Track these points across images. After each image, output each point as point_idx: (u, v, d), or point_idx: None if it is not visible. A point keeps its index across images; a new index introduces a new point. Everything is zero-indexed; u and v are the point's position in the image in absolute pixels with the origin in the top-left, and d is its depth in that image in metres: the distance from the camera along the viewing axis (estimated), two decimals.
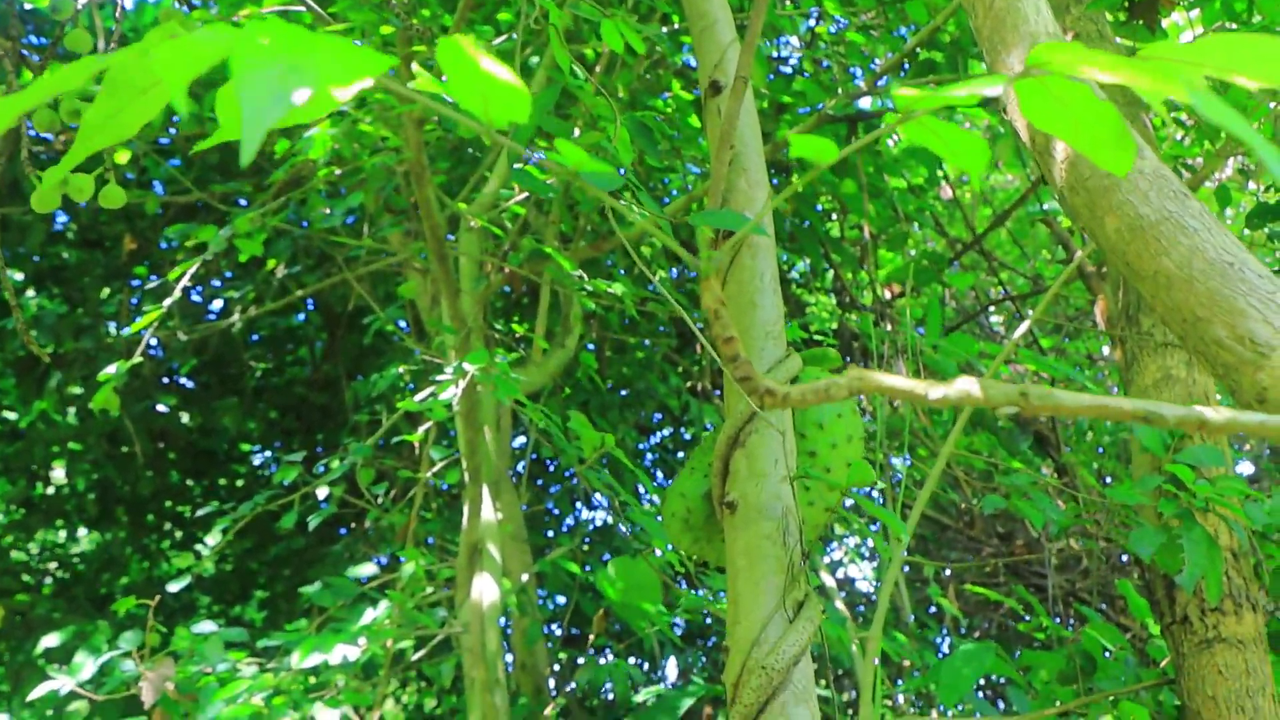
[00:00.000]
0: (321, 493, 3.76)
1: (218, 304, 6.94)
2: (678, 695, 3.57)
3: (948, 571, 6.28)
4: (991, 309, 7.01)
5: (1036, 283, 6.61)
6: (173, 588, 4.08)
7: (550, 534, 5.73)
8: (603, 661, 4.22)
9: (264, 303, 5.71)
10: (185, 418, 7.68)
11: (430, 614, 3.88)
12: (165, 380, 7.50)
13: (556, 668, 6.24)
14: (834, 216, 5.99)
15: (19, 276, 6.67)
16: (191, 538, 8.40)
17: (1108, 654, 3.56)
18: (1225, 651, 3.11)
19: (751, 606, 1.69)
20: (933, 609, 6.25)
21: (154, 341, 7.00)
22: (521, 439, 5.67)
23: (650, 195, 1.91)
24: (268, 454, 8.21)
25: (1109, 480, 6.44)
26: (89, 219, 6.86)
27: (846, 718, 3.60)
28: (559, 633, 5.69)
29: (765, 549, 1.72)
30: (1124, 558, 6.01)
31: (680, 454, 6.42)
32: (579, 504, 6.23)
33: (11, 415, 7.64)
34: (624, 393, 5.55)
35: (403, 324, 5.98)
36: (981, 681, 5.74)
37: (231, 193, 5.37)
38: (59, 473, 8.00)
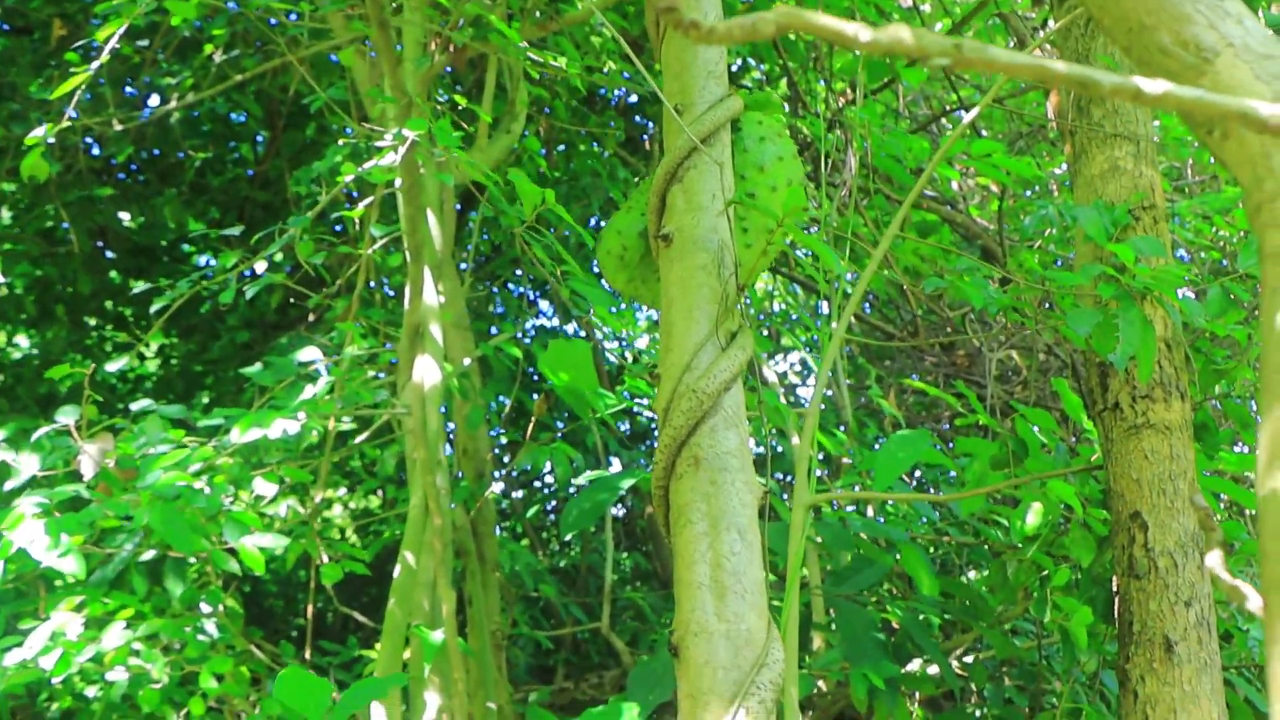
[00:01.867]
0: (260, 267, 3.69)
1: (155, 101, 6.74)
2: (618, 476, 3.61)
3: (888, 374, 6.37)
4: (944, 119, 6.94)
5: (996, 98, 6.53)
6: (111, 366, 4.04)
7: (495, 330, 5.71)
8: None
9: (201, 89, 5.53)
10: (125, 218, 7.52)
11: (371, 392, 3.87)
12: (103, 177, 7.31)
13: (500, 459, 6.33)
14: None
15: None
16: (134, 339, 8.32)
17: (1044, 448, 3.64)
18: (1152, 437, 3.17)
19: (684, 334, 1.68)
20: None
21: (89, 141, 6.82)
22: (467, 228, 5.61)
23: None
24: (210, 259, 8.09)
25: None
26: (16, 2, 6.58)
27: (784, 503, 3.66)
28: (501, 432, 5.74)
29: (700, 279, 1.70)
30: (1061, 370, 6.11)
31: None
32: (521, 290, 6.22)
33: None
34: (571, 187, 5.48)
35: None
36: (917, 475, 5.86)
37: None
38: None
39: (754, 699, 1.41)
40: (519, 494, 6.74)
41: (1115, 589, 3.20)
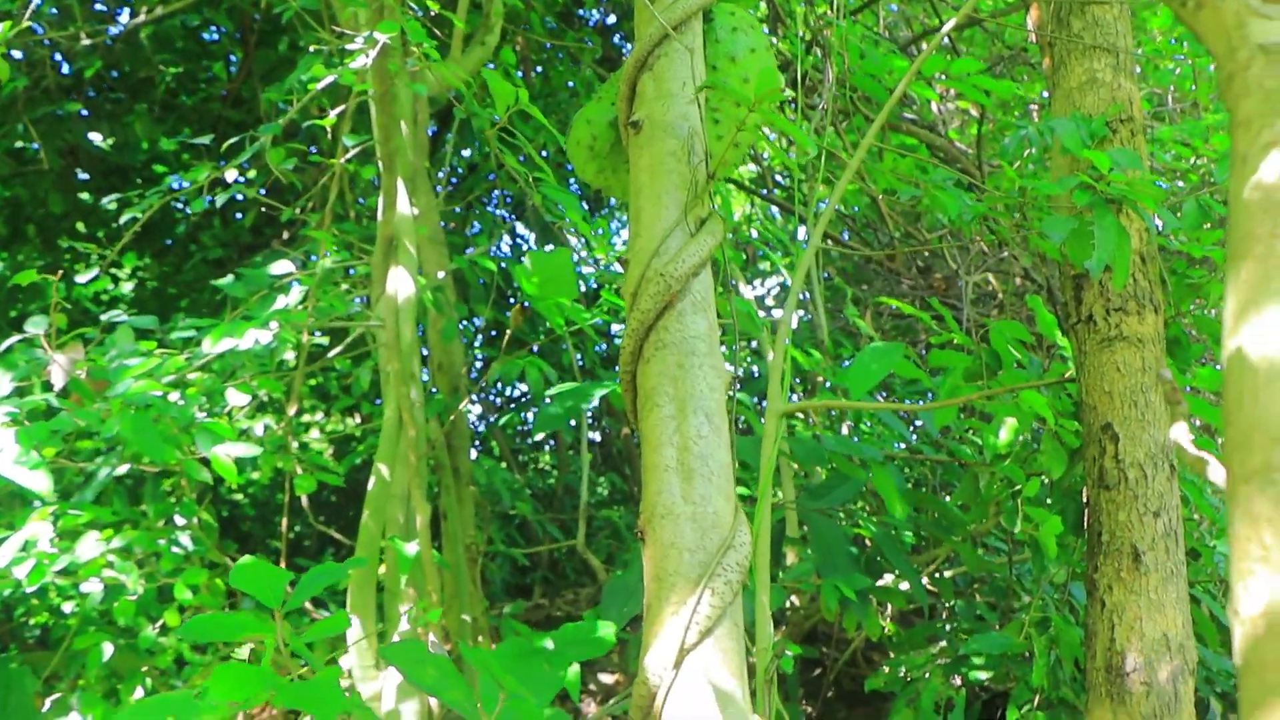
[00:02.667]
0: (231, 176, 3.65)
1: (124, 17, 6.62)
2: (592, 385, 3.60)
3: (865, 290, 6.36)
4: (923, 42, 6.87)
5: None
6: (82, 278, 3.99)
7: (469, 250, 5.66)
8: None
9: (171, 1, 5.42)
10: (97, 138, 7.41)
11: (345, 303, 3.85)
12: (73, 94, 7.19)
13: (477, 374, 6.32)
14: None
15: None
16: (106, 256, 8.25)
17: (1017, 364, 3.64)
18: (1125, 349, 3.18)
19: (653, 220, 1.66)
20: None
21: (57, 57, 6.69)
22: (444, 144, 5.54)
23: None
24: (183, 180, 7.99)
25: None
26: None
27: (756, 416, 3.67)
28: (478, 345, 5.72)
29: (669, 165, 1.68)
30: (1037, 294, 6.11)
31: None
32: (498, 213, 6.17)
33: None
34: (547, 103, 5.42)
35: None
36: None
37: None
38: None
39: (720, 580, 1.42)
40: (497, 419, 6.74)
41: (1085, 500, 3.22)
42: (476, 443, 6.47)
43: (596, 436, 7.37)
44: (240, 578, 1.45)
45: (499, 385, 6.58)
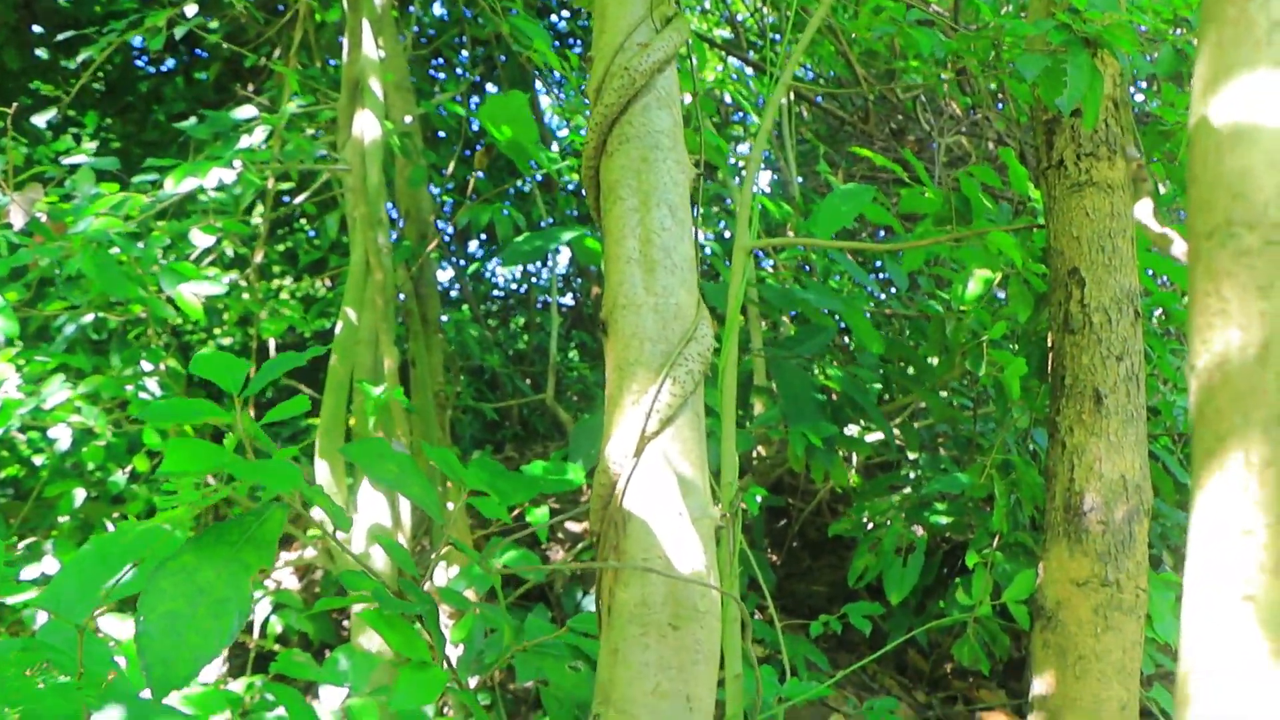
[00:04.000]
0: (190, 11, 3.55)
1: None
2: (561, 228, 3.58)
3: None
4: None
5: None
6: (39, 119, 3.91)
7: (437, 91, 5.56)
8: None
9: None
10: None
11: (311, 145, 3.78)
12: None
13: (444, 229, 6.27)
14: None
15: None
16: (68, 120, 8.09)
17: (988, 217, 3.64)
18: (1094, 195, 3.17)
19: (618, 16, 1.63)
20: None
21: None
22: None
23: None
24: (142, 36, 7.78)
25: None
26: None
27: (722, 262, 3.66)
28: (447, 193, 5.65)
29: None
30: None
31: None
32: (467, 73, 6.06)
33: None
34: None
35: None
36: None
37: None
38: None
39: (681, 369, 1.42)
40: (466, 268, 6.71)
41: (1050, 346, 3.25)
42: (447, 307, 6.44)
43: (569, 300, 7.37)
44: (201, 365, 1.44)
45: (468, 243, 6.55)
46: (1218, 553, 0.92)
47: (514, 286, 7.52)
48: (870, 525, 4.05)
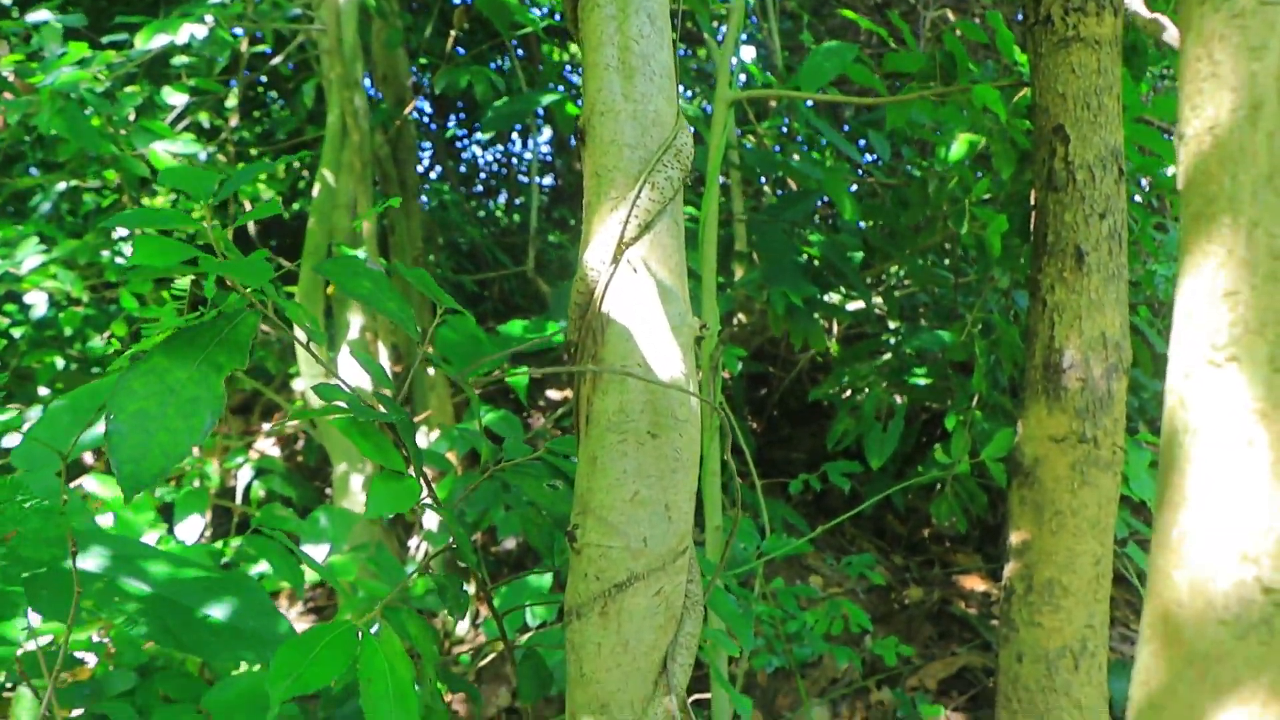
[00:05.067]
0: None
1: None
2: (540, 92, 3.52)
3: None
4: None
5: None
6: None
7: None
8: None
9: None
10: None
11: (286, 3, 3.69)
12: None
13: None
14: None
15: None
16: None
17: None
18: (1081, 51, 3.13)
19: None
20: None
21: None
22: None
23: None
24: None
25: None
26: None
27: (703, 124, 3.60)
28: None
29: None
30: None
31: None
32: None
33: None
34: None
35: None
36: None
37: None
38: None
39: (660, 175, 1.40)
40: (442, 130, 6.62)
41: (1033, 204, 3.23)
42: (427, 184, 6.37)
43: (549, 180, 7.30)
44: (170, 176, 1.41)
45: (448, 120, 6.45)
46: (1203, 314, 0.92)
47: (494, 168, 7.45)
48: (850, 392, 4.06)
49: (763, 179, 4.60)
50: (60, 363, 4.12)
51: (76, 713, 2.22)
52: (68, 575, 1.82)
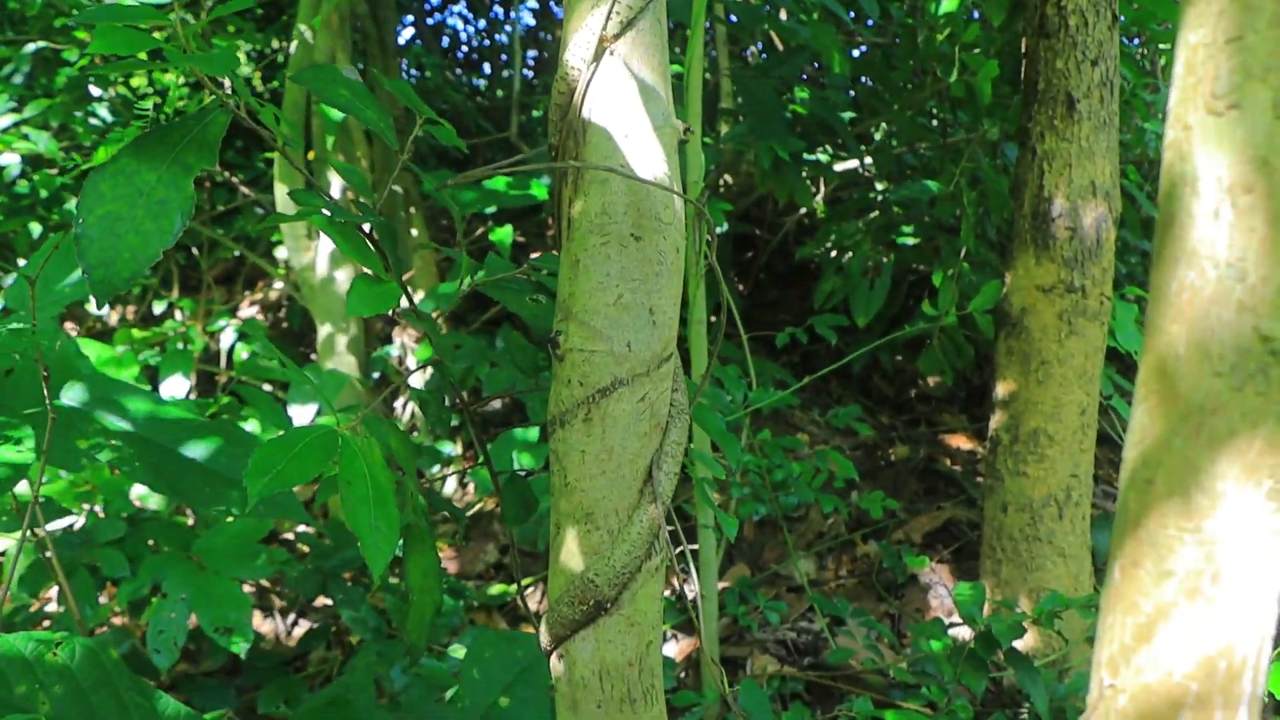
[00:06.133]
0: None
1: None
2: None
3: None
4: None
5: None
6: None
7: None
8: None
9: None
10: None
11: None
12: None
13: None
14: None
15: None
16: None
17: None
18: None
19: None
20: None
21: None
22: None
23: None
24: None
25: None
26: None
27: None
28: None
29: None
30: None
31: None
32: None
33: None
34: None
35: None
36: None
37: None
38: None
39: None
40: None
41: (1024, 51, 3.17)
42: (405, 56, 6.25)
43: (533, 55, 7.18)
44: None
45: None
46: (1205, 64, 0.89)
47: (476, 42, 7.32)
48: (837, 252, 4.03)
49: (750, 44, 4.51)
50: (37, 229, 4.06)
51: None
52: (61, 413, 1.81)
